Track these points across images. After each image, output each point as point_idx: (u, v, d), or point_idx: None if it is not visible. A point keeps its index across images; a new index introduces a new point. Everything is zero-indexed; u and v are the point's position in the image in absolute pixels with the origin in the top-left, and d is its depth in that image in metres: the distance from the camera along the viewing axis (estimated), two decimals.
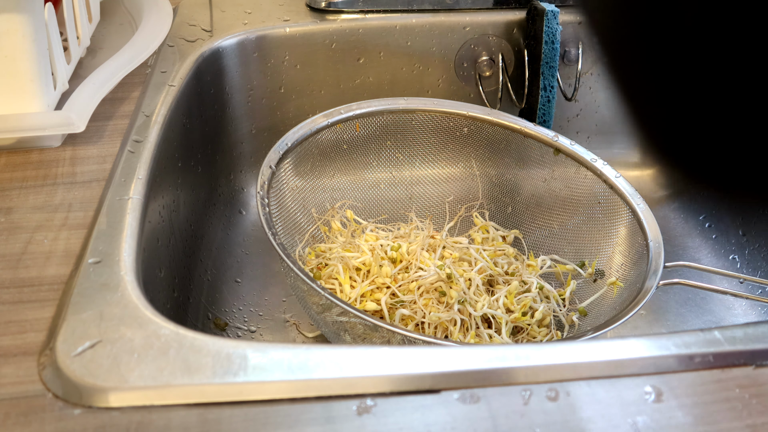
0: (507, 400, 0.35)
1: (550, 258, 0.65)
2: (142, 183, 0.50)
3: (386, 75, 0.78)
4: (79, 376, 0.35)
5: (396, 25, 0.76)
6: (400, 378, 0.36)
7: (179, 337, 0.37)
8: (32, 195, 0.50)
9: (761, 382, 0.36)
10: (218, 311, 0.63)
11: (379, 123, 0.69)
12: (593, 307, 0.61)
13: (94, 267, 0.42)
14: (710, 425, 0.34)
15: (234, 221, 0.74)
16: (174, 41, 0.72)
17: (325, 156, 0.67)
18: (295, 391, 0.35)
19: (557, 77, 0.75)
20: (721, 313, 0.67)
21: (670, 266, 0.57)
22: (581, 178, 0.65)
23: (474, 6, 0.78)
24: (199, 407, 0.34)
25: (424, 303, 0.57)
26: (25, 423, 0.34)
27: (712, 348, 0.37)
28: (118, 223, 0.46)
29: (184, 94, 0.64)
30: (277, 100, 0.77)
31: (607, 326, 0.50)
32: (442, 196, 0.72)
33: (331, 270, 0.61)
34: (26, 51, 0.54)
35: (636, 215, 0.60)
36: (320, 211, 0.67)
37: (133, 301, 0.40)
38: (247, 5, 0.80)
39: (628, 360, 0.37)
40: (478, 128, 0.69)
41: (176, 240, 0.59)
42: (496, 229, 0.69)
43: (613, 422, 0.34)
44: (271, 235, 0.53)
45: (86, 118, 0.55)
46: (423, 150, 0.71)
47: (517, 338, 0.59)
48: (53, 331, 0.38)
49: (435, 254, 0.62)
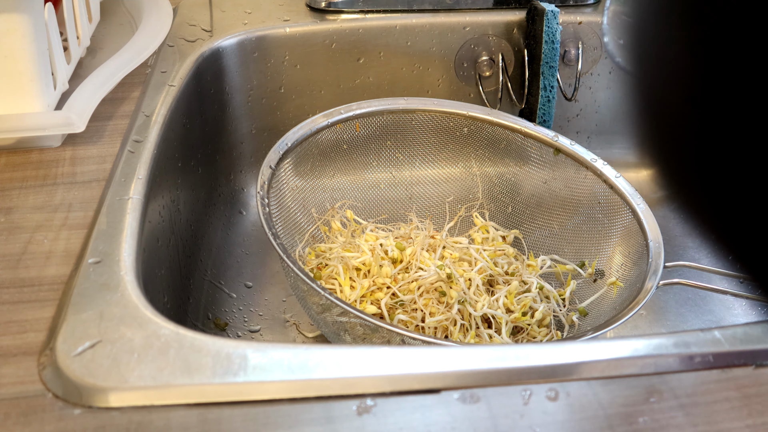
0: (507, 400, 0.35)
1: (550, 258, 0.65)
2: (142, 183, 0.50)
3: (386, 75, 0.78)
4: (79, 376, 0.35)
5: (396, 25, 0.76)
6: (400, 378, 0.36)
7: (179, 337, 0.37)
8: (32, 195, 0.50)
9: (761, 382, 0.36)
10: (218, 311, 0.63)
11: (379, 123, 0.69)
12: (593, 307, 0.61)
13: (94, 267, 0.42)
14: (710, 425, 0.34)
15: (234, 221, 0.74)
16: (174, 41, 0.72)
17: (325, 156, 0.67)
18: (295, 391, 0.35)
19: (557, 77, 0.75)
20: (721, 313, 0.67)
21: (670, 266, 0.57)
22: (581, 178, 0.65)
23: (474, 6, 0.78)
24: (199, 407, 0.34)
25: (424, 303, 0.57)
26: (25, 423, 0.34)
27: (712, 348, 0.37)
28: (118, 223, 0.46)
29: (184, 94, 0.64)
30: (277, 100, 0.77)
31: (607, 326, 0.50)
32: (442, 196, 0.72)
33: (331, 270, 0.61)
34: (26, 51, 0.54)
35: (636, 215, 0.60)
36: (320, 211, 0.67)
37: (133, 301, 0.40)
38: (247, 5, 0.80)
39: (628, 360, 0.37)
40: (478, 128, 0.69)
41: (176, 240, 0.59)
42: (496, 229, 0.69)
43: (613, 422, 0.34)
44: (271, 235, 0.53)
45: (86, 118, 0.55)
46: (423, 150, 0.71)
47: (517, 338, 0.59)
48: (53, 331, 0.38)
49: (435, 254, 0.62)
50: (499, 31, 0.78)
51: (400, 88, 0.78)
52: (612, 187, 0.63)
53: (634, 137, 0.83)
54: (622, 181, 0.63)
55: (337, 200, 0.68)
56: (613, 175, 0.63)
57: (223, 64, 0.73)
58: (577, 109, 0.82)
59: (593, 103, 0.82)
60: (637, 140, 0.80)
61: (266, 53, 0.75)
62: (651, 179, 0.83)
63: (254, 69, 0.75)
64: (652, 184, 0.83)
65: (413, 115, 0.69)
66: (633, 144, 0.84)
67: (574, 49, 0.78)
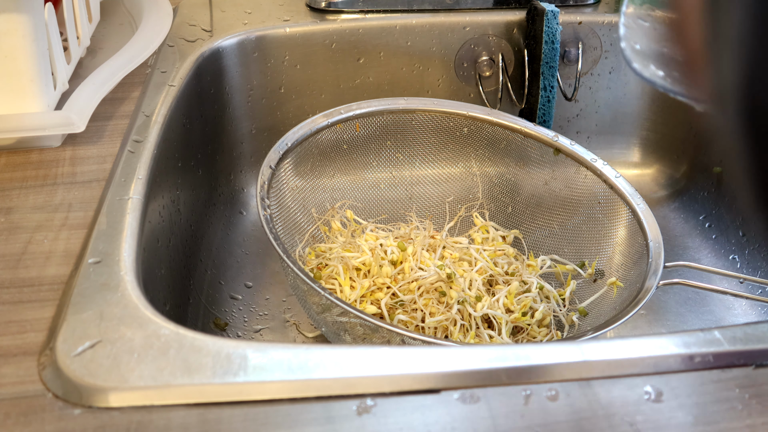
0: (507, 400, 0.35)
1: (550, 258, 0.65)
2: (142, 183, 0.50)
3: (386, 75, 0.78)
4: (79, 376, 0.35)
5: (396, 25, 0.76)
6: (400, 378, 0.36)
7: (179, 337, 0.37)
8: (32, 195, 0.50)
9: (761, 382, 0.36)
10: (218, 311, 0.63)
11: (379, 123, 0.69)
12: (593, 307, 0.61)
13: (94, 267, 0.42)
14: (710, 425, 0.34)
15: (234, 221, 0.74)
16: (174, 41, 0.72)
17: (325, 156, 0.67)
18: (295, 391, 0.35)
19: (557, 77, 0.75)
20: (721, 313, 0.67)
21: (670, 266, 0.57)
22: (581, 178, 0.65)
23: (474, 6, 0.78)
24: (199, 407, 0.34)
25: (424, 303, 0.57)
26: (25, 423, 0.34)
27: (712, 348, 0.37)
28: (118, 223, 0.46)
29: (184, 94, 0.64)
30: (277, 100, 0.77)
31: (607, 326, 0.50)
32: (442, 196, 0.72)
33: (331, 270, 0.61)
34: (26, 51, 0.54)
35: (636, 215, 0.60)
36: (320, 211, 0.67)
37: (133, 301, 0.40)
38: (247, 5, 0.80)
39: (628, 360, 0.37)
40: (478, 128, 0.69)
41: (176, 240, 0.59)
42: (496, 229, 0.69)
43: (613, 422, 0.34)
44: (271, 235, 0.53)
45: (86, 118, 0.55)
46: (423, 150, 0.71)
47: (517, 338, 0.59)
48: (53, 331, 0.38)
49: (435, 254, 0.62)
50: (499, 31, 0.78)
51: (400, 88, 0.78)
52: (612, 187, 0.63)
53: (635, 137, 0.83)
54: (622, 181, 0.63)
55: (337, 200, 0.68)
56: (613, 175, 0.63)
57: (223, 64, 0.73)
58: (577, 109, 0.82)
59: (593, 103, 0.82)
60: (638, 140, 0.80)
61: (266, 53, 0.75)
62: (651, 179, 0.83)
63: (254, 69, 0.75)
64: (653, 183, 0.83)
65: (413, 115, 0.69)
66: (633, 144, 0.84)
67: (574, 49, 0.78)
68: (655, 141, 0.83)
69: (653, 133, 0.83)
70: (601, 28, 0.78)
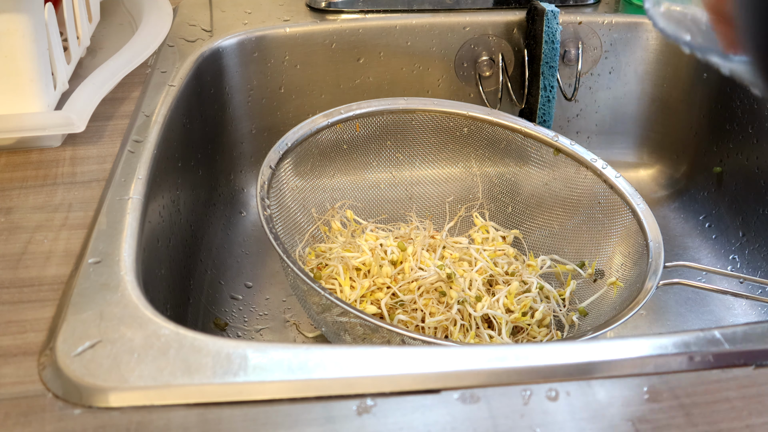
0: (507, 400, 0.35)
1: (550, 258, 0.65)
2: (142, 183, 0.50)
3: (386, 75, 0.78)
4: (79, 376, 0.35)
5: (396, 25, 0.76)
6: (400, 378, 0.36)
7: (179, 337, 0.37)
8: (32, 195, 0.50)
9: (761, 382, 0.36)
10: (218, 311, 0.63)
11: (379, 123, 0.69)
12: (593, 307, 0.61)
13: (94, 267, 0.42)
14: (710, 425, 0.34)
15: (234, 221, 0.74)
16: (174, 41, 0.72)
17: (325, 156, 0.67)
18: (295, 391, 0.35)
19: (557, 77, 0.75)
20: (721, 313, 0.67)
21: (670, 266, 0.57)
22: (581, 178, 0.65)
23: (474, 6, 0.78)
24: (199, 407, 0.34)
25: (424, 303, 0.57)
26: (25, 423, 0.34)
27: (712, 348, 0.37)
28: (118, 223, 0.46)
29: (184, 94, 0.64)
30: (277, 100, 0.77)
31: (607, 326, 0.50)
32: (442, 196, 0.72)
33: (331, 270, 0.61)
34: (26, 51, 0.54)
35: (636, 215, 0.60)
36: (320, 211, 0.67)
37: (133, 301, 0.40)
38: (247, 5, 0.80)
39: (628, 360, 0.37)
40: (478, 128, 0.69)
41: (176, 240, 0.59)
42: (496, 229, 0.69)
43: (613, 422, 0.34)
44: (271, 235, 0.53)
45: (86, 118, 0.55)
46: (423, 150, 0.71)
47: (517, 338, 0.59)
48: (53, 331, 0.38)
49: (435, 254, 0.62)
50: (499, 31, 0.78)
51: (400, 88, 0.78)
52: (612, 187, 0.63)
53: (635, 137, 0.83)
54: (622, 181, 0.63)
55: (337, 200, 0.68)
56: (613, 175, 0.63)
57: (223, 64, 0.73)
58: (577, 109, 0.82)
59: (593, 103, 0.82)
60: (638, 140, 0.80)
61: (266, 53, 0.75)
62: (651, 179, 0.83)
63: (254, 69, 0.75)
64: (653, 183, 0.83)
65: (413, 115, 0.69)
66: (633, 144, 0.84)
67: (574, 49, 0.78)
68: (655, 141, 0.83)
69: (653, 133, 0.83)
70: (601, 28, 0.78)
